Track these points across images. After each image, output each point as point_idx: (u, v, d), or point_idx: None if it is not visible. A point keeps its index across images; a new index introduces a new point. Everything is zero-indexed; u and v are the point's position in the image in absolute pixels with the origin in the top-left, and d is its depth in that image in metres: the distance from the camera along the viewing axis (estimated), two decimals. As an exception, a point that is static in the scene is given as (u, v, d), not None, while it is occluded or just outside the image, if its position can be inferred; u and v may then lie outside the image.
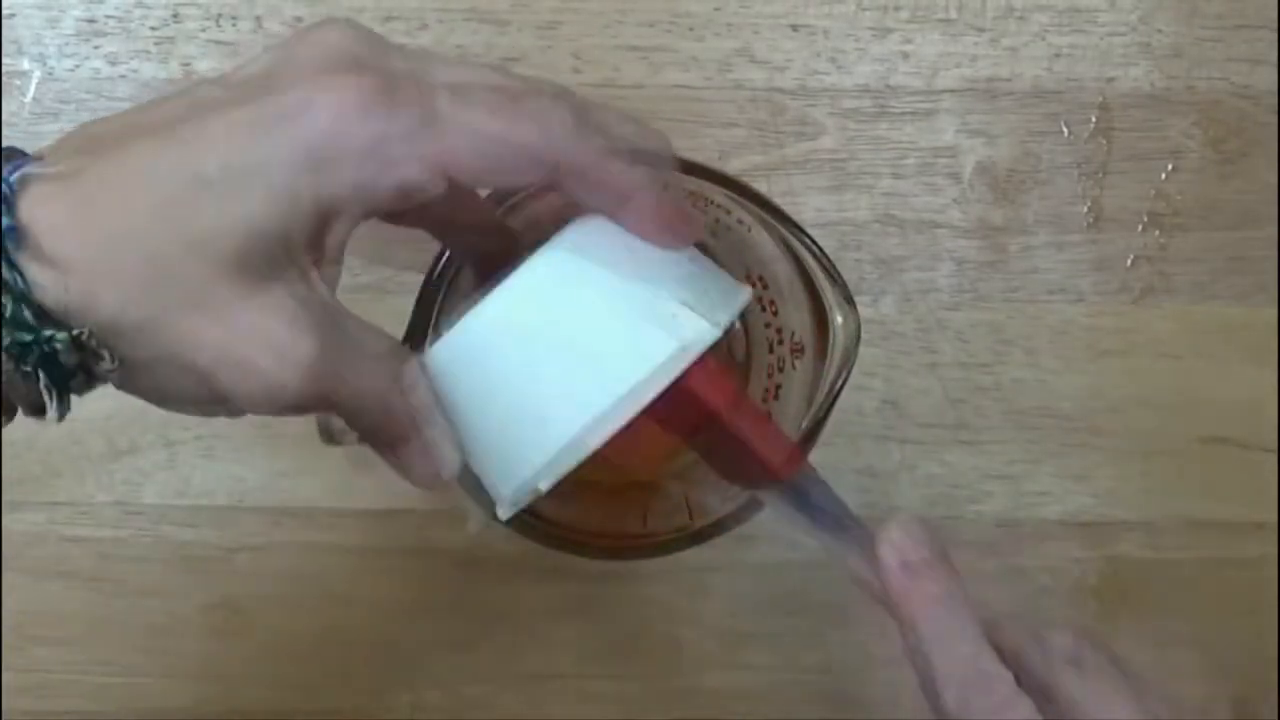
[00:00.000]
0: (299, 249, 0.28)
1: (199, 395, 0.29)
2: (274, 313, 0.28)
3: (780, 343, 0.44)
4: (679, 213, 0.32)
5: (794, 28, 0.50)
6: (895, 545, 0.34)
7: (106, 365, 0.28)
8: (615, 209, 0.31)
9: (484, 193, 0.36)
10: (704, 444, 0.37)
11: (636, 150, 0.32)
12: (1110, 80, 0.50)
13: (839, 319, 0.39)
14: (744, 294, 0.33)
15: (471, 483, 0.33)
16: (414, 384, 0.31)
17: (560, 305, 0.31)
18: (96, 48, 0.49)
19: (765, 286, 0.44)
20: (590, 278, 0.31)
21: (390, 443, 0.32)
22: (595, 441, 0.30)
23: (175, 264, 0.27)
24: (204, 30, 0.49)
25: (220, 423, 0.50)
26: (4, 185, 0.27)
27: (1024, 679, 0.32)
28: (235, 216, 0.27)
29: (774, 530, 0.49)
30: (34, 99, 0.49)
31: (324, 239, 0.29)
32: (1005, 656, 0.33)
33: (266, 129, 0.27)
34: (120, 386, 0.29)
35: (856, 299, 0.40)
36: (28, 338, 0.27)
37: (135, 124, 0.28)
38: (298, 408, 0.29)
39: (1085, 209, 0.51)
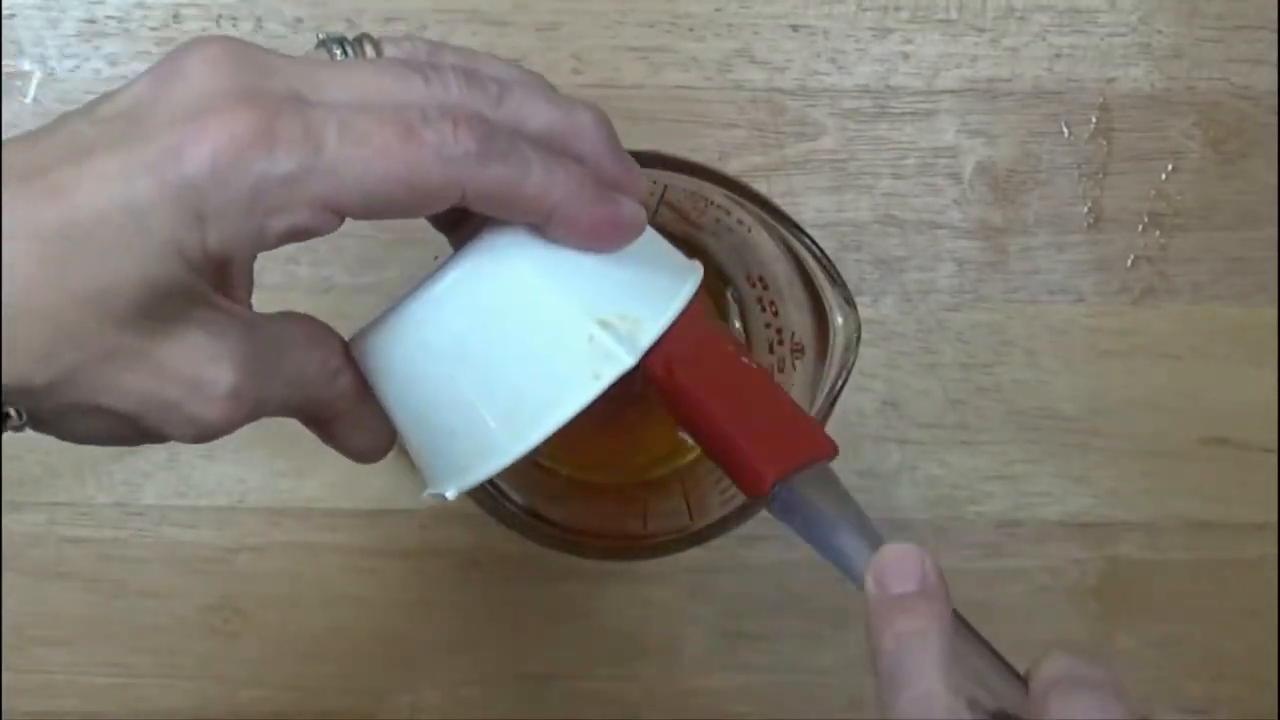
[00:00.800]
0: (200, 289, 0.27)
1: (125, 436, 0.29)
2: (189, 351, 0.27)
3: (780, 343, 0.44)
4: (609, 217, 0.30)
5: (794, 28, 0.50)
6: (880, 577, 0.31)
7: (14, 423, 0.27)
8: (538, 225, 0.30)
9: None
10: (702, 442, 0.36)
11: (563, 137, 0.30)
12: (1110, 81, 0.50)
13: (839, 319, 0.39)
14: (684, 290, 0.32)
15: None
16: (340, 369, 0.31)
17: (467, 326, 0.30)
18: (97, 48, 0.49)
19: (765, 287, 0.44)
20: (503, 296, 0.30)
21: (321, 423, 0.32)
22: (498, 466, 0.30)
23: (75, 323, 0.26)
24: (204, 31, 0.49)
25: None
26: None
27: None
28: (124, 272, 0.26)
29: (774, 530, 0.49)
30: (34, 100, 0.49)
31: (225, 275, 0.29)
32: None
33: (138, 179, 0.26)
34: (33, 429, 0.28)
35: (856, 299, 0.40)
36: None
37: (11, 169, 0.26)
38: (232, 430, 0.29)
39: (1085, 209, 0.51)
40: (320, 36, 0.31)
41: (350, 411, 0.32)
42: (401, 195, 0.28)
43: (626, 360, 0.29)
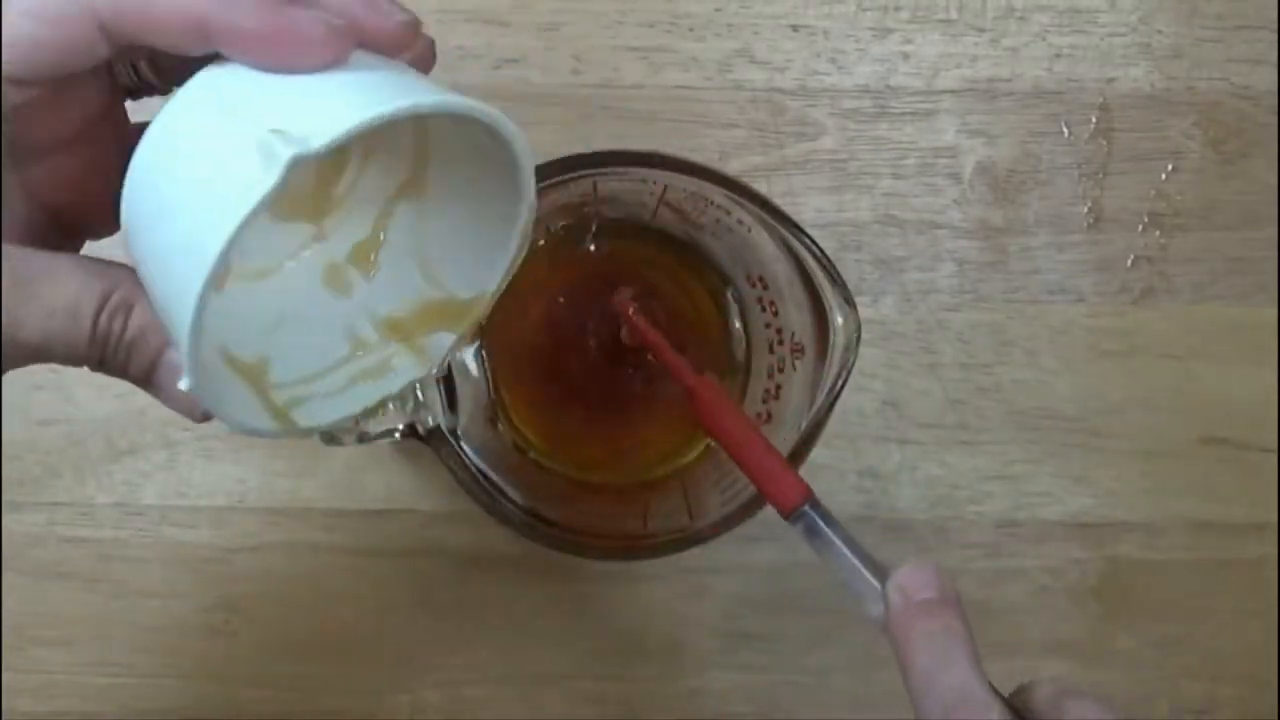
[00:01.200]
0: None
1: None
2: None
3: (780, 343, 0.44)
4: (281, 28, 0.26)
5: (794, 28, 0.50)
6: (902, 586, 0.33)
7: None
8: (216, 48, 0.27)
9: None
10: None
11: None
12: (1110, 81, 0.50)
13: (839, 319, 0.39)
14: (397, 104, 0.26)
15: None
16: (125, 306, 0.28)
17: (156, 180, 0.27)
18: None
19: (765, 287, 0.44)
20: (178, 136, 0.27)
21: (140, 378, 0.29)
22: (188, 319, 0.26)
23: None
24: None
25: (220, 423, 0.50)
26: None
27: None
28: None
29: (774, 531, 0.49)
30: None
31: None
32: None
33: None
34: None
35: (856, 299, 0.40)
36: None
37: None
38: None
39: (1085, 209, 0.51)
40: None
41: (165, 359, 0.29)
42: (39, 32, 0.26)
43: (286, 154, 0.25)
